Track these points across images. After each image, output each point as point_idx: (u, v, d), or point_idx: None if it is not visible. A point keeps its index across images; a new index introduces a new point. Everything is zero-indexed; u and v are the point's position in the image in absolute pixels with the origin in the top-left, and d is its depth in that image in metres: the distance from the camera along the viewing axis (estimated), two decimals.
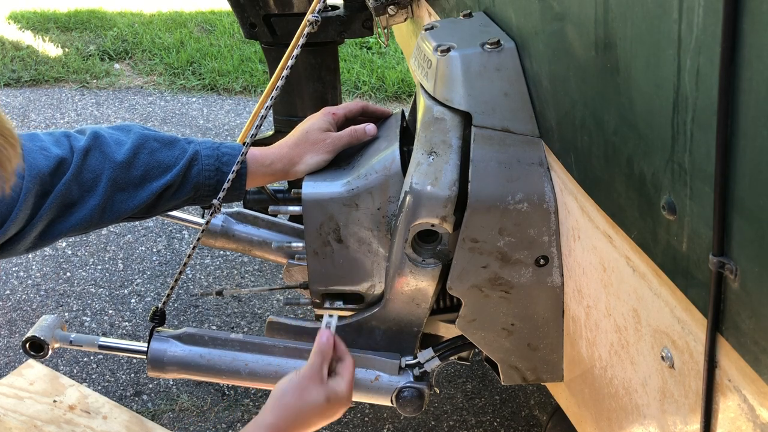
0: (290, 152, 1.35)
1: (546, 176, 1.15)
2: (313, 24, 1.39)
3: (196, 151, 1.30)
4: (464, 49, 1.15)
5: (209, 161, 1.30)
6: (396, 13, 1.78)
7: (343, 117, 1.41)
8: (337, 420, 1.25)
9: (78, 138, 1.24)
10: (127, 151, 1.25)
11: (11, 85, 4.75)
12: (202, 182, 1.30)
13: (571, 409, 1.39)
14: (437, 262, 1.26)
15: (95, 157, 1.23)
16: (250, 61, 4.92)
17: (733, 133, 0.65)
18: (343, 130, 1.38)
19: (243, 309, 2.79)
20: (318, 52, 2.36)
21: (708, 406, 0.78)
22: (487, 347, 1.31)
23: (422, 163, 1.20)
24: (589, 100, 0.94)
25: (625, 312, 0.97)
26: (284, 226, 1.69)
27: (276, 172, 1.35)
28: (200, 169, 1.29)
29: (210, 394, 2.40)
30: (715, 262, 0.70)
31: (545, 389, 2.35)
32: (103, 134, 1.26)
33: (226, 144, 1.33)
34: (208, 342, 1.37)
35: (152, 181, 1.26)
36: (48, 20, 5.68)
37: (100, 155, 1.24)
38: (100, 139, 1.25)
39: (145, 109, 4.45)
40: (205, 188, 1.31)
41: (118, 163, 1.24)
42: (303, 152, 1.35)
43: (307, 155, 1.35)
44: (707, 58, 0.67)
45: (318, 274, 1.36)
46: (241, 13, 2.32)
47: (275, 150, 1.36)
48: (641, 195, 0.85)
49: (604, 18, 0.85)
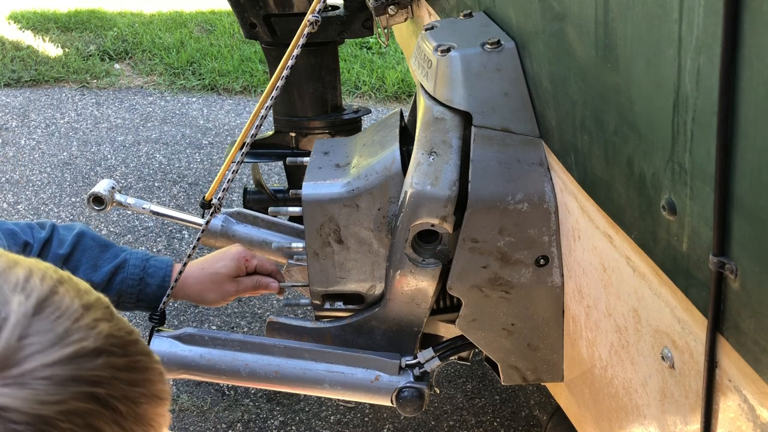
0: (197, 287, 1.49)
1: (546, 176, 1.15)
2: (313, 24, 1.39)
3: (124, 259, 1.43)
4: (464, 49, 1.15)
5: (135, 271, 1.43)
6: (396, 13, 1.78)
7: (254, 268, 1.54)
8: (337, 420, 1.25)
9: (39, 231, 1.38)
10: (67, 246, 1.39)
11: (11, 85, 4.75)
12: (125, 290, 1.43)
13: (571, 409, 1.39)
14: (437, 262, 1.26)
15: (47, 249, 1.37)
16: (250, 61, 4.92)
17: (733, 133, 0.65)
18: (249, 278, 1.53)
19: (243, 309, 2.79)
20: (318, 52, 2.36)
21: (708, 406, 0.78)
22: (487, 347, 1.31)
23: (422, 163, 1.20)
24: (589, 100, 0.94)
25: (626, 312, 0.97)
26: (284, 226, 1.69)
27: (187, 295, 1.50)
28: (125, 277, 1.42)
29: (210, 394, 2.40)
30: (715, 262, 0.70)
31: (545, 389, 2.35)
32: (57, 228, 1.41)
33: (155, 258, 1.48)
34: (208, 342, 1.37)
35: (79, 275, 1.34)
36: (48, 20, 5.67)
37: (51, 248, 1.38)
38: (54, 232, 1.39)
39: (145, 109, 4.45)
40: (128, 296, 1.43)
41: (59, 257, 1.37)
42: (207, 290, 1.50)
43: (210, 294, 1.50)
44: (707, 58, 0.67)
45: (318, 275, 1.36)
46: (241, 13, 2.32)
47: (190, 278, 1.49)
48: (641, 195, 0.85)
49: (604, 18, 0.85)
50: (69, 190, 3.60)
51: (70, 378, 0.60)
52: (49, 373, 0.60)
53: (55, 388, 0.59)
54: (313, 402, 2.37)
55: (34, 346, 0.60)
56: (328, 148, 1.47)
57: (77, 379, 0.61)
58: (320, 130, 2.45)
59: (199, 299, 1.51)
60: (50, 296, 0.64)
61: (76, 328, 0.63)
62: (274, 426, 2.31)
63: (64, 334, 0.62)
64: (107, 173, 3.75)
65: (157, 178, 3.73)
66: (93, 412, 0.61)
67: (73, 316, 0.64)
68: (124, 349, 0.66)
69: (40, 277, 0.65)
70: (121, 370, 0.65)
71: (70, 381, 0.60)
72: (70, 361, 0.61)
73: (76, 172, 3.76)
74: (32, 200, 3.53)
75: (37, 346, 0.60)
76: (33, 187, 3.64)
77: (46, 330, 0.61)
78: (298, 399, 2.39)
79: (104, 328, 0.65)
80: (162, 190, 3.63)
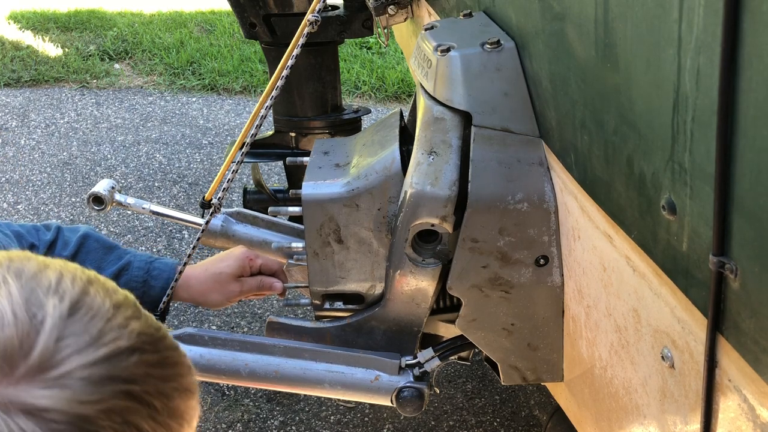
0: (201, 287, 1.50)
1: (546, 176, 1.15)
2: (313, 24, 1.39)
3: (128, 261, 1.43)
4: (464, 49, 1.15)
5: (138, 273, 1.43)
6: (396, 13, 1.78)
7: (258, 268, 1.54)
8: (337, 420, 1.26)
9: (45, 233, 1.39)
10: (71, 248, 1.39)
11: (11, 85, 4.75)
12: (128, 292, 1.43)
13: (571, 409, 1.39)
14: (437, 262, 1.26)
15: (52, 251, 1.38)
16: (250, 61, 4.92)
17: (733, 133, 0.65)
18: (253, 279, 1.52)
19: (243, 309, 2.79)
20: (318, 52, 2.36)
21: (708, 406, 0.78)
22: (487, 347, 1.31)
23: (422, 163, 1.20)
24: (589, 100, 0.94)
25: (625, 312, 0.97)
26: (284, 226, 1.69)
27: (191, 296, 1.50)
28: (128, 279, 1.42)
29: (210, 394, 2.40)
30: (715, 261, 0.70)
31: (545, 389, 2.35)
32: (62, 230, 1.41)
33: (159, 260, 1.48)
34: (208, 342, 1.37)
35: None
36: (48, 20, 5.67)
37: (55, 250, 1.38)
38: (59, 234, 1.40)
39: (145, 109, 4.46)
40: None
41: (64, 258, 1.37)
42: (211, 290, 1.50)
43: (213, 295, 1.50)
44: (707, 58, 0.67)
45: (318, 275, 1.36)
46: (241, 13, 2.32)
47: (193, 279, 1.49)
48: (641, 195, 0.85)
49: (604, 18, 0.85)
50: (69, 190, 3.60)
51: (107, 377, 0.62)
52: (87, 374, 0.61)
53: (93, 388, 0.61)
54: (313, 402, 2.37)
55: (71, 348, 0.61)
56: (327, 148, 1.47)
57: (114, 378, 0.62)
58: (320, 130, 2.45)
59: (203, 300, 1.50)
60: (82, 297, 0.65)
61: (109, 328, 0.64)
62: (274, 426, 2.31)
63: (99, 334, 0.63)
64: (107, 173, 3.76)
65: (157, 178, 3.73)
66: (130, 409, 0.63)
67: (106, 316, 0.65)
68: (154, 345, 0.68)
69: (71, 279, 0.66)
70: (153, 366, 0.66)
71: (107, 380, 0.62)
72: (106, 360, 0.62)
73: (76, 172, 3.76)
74: (32, 200, 3.53)
75: (73, 348, 0.61)
76: (33, 187, 3.64)
77: (82, 331, 0.63)
78: (298, 399, 2.39)
79: (135, 326, 0.67)
80: (162, 190, 3.63)
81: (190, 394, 0.71)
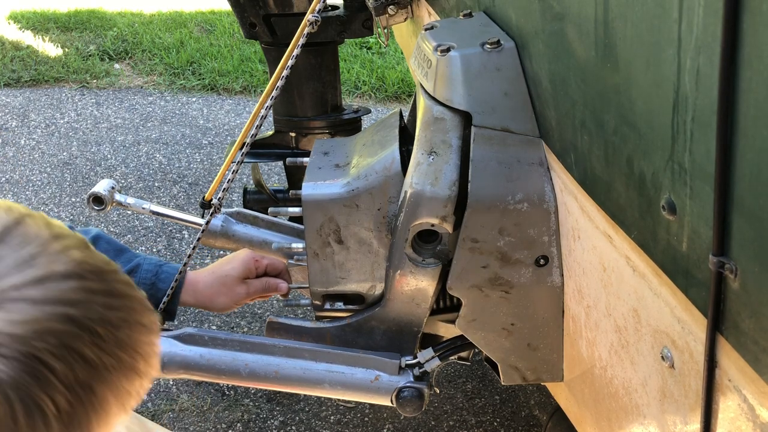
0: (208, 291, 1.49)
1: (546, 176, 1.15)
2: (313, 24, 1.39)
3: (138, 264, 1.43)
4: (464, 49, 1.15)
5: (147, 276, 1.42)
6: (396, 13, 1.78)
7: (264, 269, 1.53)
8: (337, 420, 1.26)
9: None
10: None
11: (11, 85, 4.75)
12: None
13: (571, 409, 1.39)
14: (437, 262, 1.26)
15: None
16: (250, 61, 4.92)
17: (733, 133, 0.65)
18: (259, 280, 1.51)
19: (243, 309, 2.79)
20: (318, 52, 2.36)
21: (708, 406, 0.78)
22: (487, 347, 1.31)
23: (422, 163, 1.20)
24: (589, 100, 0.94)
25: (625, 312, 0.97)
26: (284, 226, 1.69)
27: (198, 300, 1.49)
28: (137, 281, 1.40)
29: (210, 394, 2.40)
30: (715, 262, 0.70)
31: (545, 389, 2.35)
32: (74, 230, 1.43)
33: (169, 264, 1.47)
34: (208, 342, 1.37)
35: None
36: (48, 20, 5.67)
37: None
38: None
39: (145, 109, 4.45)
40: None
41: None
42: (217, 293, 1.48)
43: (220, 298, 1.48)
44: (707, 58, 0.67)
45: (318, 275, 1.36)
46: (241, 13, 2.32)
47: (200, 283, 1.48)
48: (641, 195, 0.85)
49: (604, 18, 0.85)
50: (69, 190, 3.60)
51: (40, 299, 0.62)
52: (17, 295, 0.61)
53: (27, 308, 0.61)
54: (313, 402, 2.37)
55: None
56: (327, 148, 1.47)
57: (47, 300, 0.62)
58: (320, 130, 2.45)
59: (210, 304, 1.50)
60: (15, 226, 0.66)
61: (43, 252, 0.65)
62: (274, 426, 2.31)
63: (30, 258, 0.64)
64: (107, 173, 3.76)
65: (157, 178, 3.73)
66: (68, 333, 0.63)
67: (40, 243, 0.65)
68: (99, 275, 0.68)
69: (5, 210, 0.67)
70: (96, 293, 0.66)
71: (40, 302, 0.62)
72: (39, 282, 0.63)
73: (76, 172, 3.76)
74: (32, 200, 3.53)
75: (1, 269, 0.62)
76: (33, 187, 3.64)
77: (8, 255, 0.63)
78: (298, 399, 2.39)
79: (76, 255, 0.67)
80: (162, 190, 3.63)
81: (144, 329, 0.71)
